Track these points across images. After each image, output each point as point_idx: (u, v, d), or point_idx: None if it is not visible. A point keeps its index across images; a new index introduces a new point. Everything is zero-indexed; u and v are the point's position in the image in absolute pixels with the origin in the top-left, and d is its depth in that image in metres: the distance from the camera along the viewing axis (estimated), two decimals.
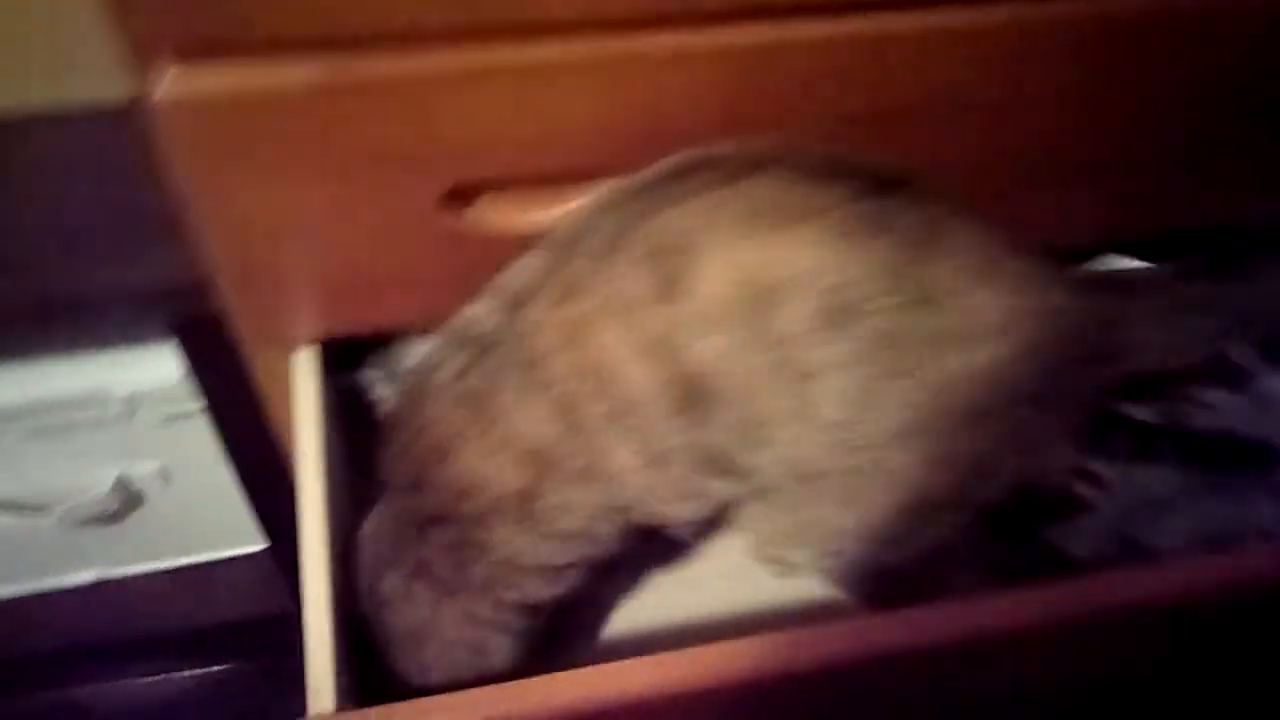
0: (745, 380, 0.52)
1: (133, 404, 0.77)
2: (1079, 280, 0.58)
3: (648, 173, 0.54)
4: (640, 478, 0.55)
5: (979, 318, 0.52)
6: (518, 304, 0.55)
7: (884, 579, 0.64)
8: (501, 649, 0.61)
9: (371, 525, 0.60)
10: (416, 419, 0.56)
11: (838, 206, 0.50)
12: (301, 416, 0.64)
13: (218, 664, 0.99)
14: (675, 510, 0.57)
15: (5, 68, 0.61)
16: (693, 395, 0.52)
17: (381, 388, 0.69)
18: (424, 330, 0.65)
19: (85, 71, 0.62)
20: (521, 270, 0.55)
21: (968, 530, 0.60)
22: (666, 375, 0.52)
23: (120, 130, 0.63)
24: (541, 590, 0.60)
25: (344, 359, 0.70)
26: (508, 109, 0.53)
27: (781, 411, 0.53)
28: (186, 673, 1.00)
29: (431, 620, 0.58)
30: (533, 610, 0.61)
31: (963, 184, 0.60)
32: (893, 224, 0.51)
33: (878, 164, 0.53)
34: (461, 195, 0.57)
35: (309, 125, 0.52)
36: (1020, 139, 0.62)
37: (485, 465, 0.55)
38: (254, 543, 0.96)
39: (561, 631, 0.66)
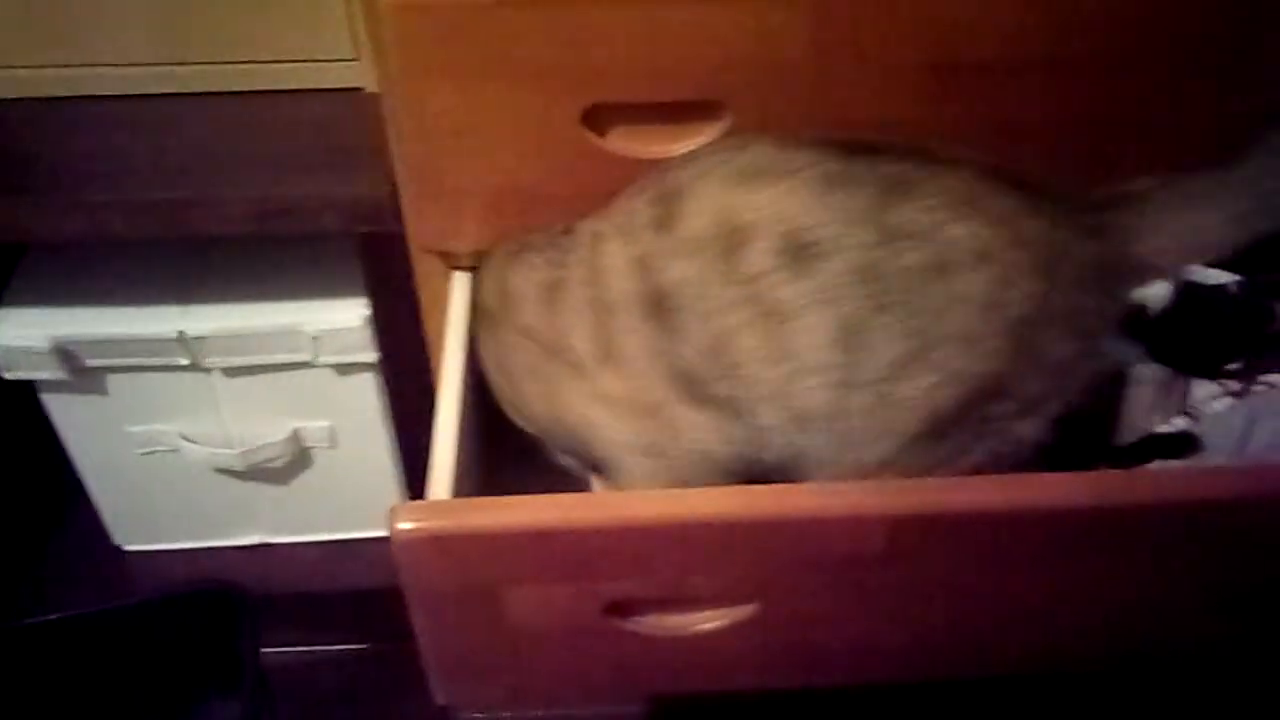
0: (713, 306, 0.61)
1: (318, 346, 0.91)
2: (1080, 204, 0.62)
3: (681, 153, 0.68)
4: (583, 357, 0.67)
5: (957, 249, 0.58)
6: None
7: None
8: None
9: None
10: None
11: (807, 168, 0.60)
12: (452, 323, 0.77)
13: (349, 641, 1.09)
14: (600, 418, 0.68)
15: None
16: (659, 306, 0.63)
17: None
18: None
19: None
20: None
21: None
22: (642, 286, 0.63)
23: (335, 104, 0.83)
24: None
25: None
26: (639, 35, 0.67)
27: (761, 351, 0.61)
28: (318, 647, 1.10)
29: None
30: None
31: (1051, 146, 0.70)
32: (858, 180, 0.59)
33: (853, 136, 0.62)
34: (601, 118, 0.71)
35: (491, 36, 0.66)
36: (1106, 102, 0.70)
37: (524, 282, 0.71)
38: None
39: None
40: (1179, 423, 0.72)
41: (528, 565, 0.64)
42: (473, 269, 0.79)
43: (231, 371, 0.94)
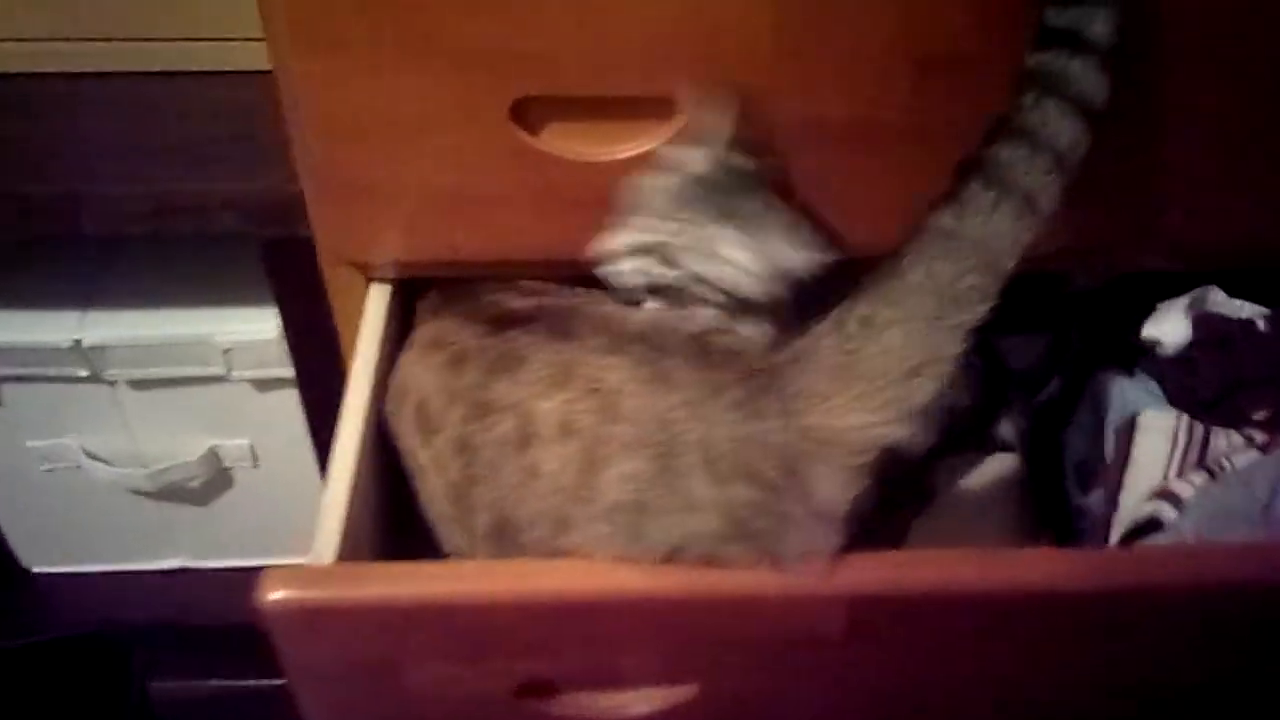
0: (403, 446, 0.65)
1: (230, 360, 0.82)
2: (747, 373, 0.55)
3: None
4: None
5: (540, 422, 0.57)
6: None
7: None
8: None
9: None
10: None
11: (447, 347, 0.63)
12: (362, 348, 0.67)
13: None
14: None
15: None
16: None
17: None
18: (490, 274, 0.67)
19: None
20: None
21: None
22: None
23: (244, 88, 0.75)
24: None
25: None
26: (575, 17, 0.57)
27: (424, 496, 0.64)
28: (240, 682, 1.01)
29: None
30: None
31: None
32: (475, 358, 0.61)
33: (518, 307, 0.63)
34: (532, 113, 0.61)
35: (405, 14, 0.57)
36: None
37: None
38: None
39: None
40: (1196, 480, 0.63)
41: (426, 642, 0.55)
42: (393, 281, 0.70)
43: (138, 384, 0.85)
